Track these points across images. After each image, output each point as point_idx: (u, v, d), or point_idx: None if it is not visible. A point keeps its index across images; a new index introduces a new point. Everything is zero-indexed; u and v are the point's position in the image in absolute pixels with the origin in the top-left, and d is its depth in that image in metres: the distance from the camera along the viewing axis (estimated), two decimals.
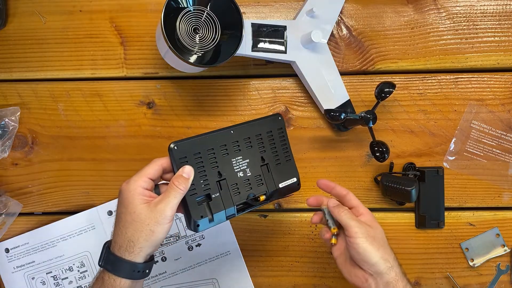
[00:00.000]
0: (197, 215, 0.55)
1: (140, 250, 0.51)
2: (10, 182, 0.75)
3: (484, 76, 0.74)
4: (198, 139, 0.57)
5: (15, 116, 0.73)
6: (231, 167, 0.59)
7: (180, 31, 0.60)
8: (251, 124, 0.61)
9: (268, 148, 0.62)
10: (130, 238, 0.51)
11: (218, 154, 0.58)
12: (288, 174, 0.64)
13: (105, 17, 0.74)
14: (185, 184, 0.52)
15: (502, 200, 0.75)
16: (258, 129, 0.62)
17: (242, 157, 0.60)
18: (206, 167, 0.57)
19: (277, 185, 0.62)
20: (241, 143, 0.60)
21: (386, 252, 0.55)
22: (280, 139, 0.63)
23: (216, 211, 0.57)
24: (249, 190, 0.60)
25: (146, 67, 0.74)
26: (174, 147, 0.55)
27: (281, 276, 0.75)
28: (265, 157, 0.62)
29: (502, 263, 0.75)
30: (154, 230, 0.50)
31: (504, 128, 0.74)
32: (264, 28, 0.67)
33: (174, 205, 0.51)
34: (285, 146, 0.64)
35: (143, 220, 0.50)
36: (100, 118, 0.74)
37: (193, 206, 0.55)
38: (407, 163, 0.74)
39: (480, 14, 0.74)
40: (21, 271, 0.74)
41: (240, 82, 0.74)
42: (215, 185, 0.57)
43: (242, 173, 0.60)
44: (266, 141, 0.62)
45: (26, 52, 0.74)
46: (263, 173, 0.61)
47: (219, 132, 0.59)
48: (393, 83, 0.67)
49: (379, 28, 0.74)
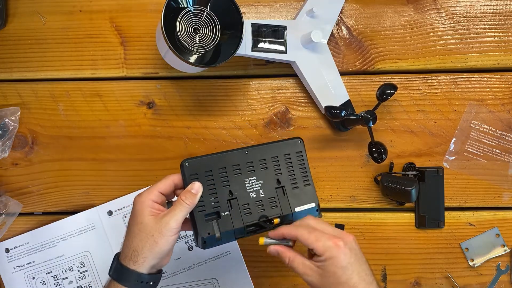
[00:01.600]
0: (204, 232, 0.56)
1: (144, 261, 0.52)
2: (10, 182, 0.75)
3: (484, 76, 0.74)
4: (211, 157, 0.57)
5: (15, 116, 0.73)
6: (243, 187, 0.58)
7: (180, 31, 0.60)
8: (268, 146, 0.60)
9: (285, 171, 0.60)
10: (135, 248, 0.52)
11: (230, 173, 0.58)
12: (306, 199, 0.61)
13: (105, 17, 0.74)
14: (192, 200, 0.53)
15: (502, 200, 0.75)
16: (275, 152, 0.60)
17: (256, 178, 0.59)
18: (217, 185, 0.57)
19: (293, 209, 0.60)
20: (256, 164, 0.59)
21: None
22: (298, 163, 0.61)
23: (224, 230, 0.56)
24: (261, 211, 0.58)
25: (146, 67, 0.74)
26: (186, 163, 0.56)
27: (281, 276, 0.75)
28: (281, 179, 0.60)
29: (502, 263, 0.75)
30: (158, 241, 0.51)
31: (504, 128, 0.74)
32: (264, 28, 0.67)
33: (180, 218, 0.52)
34: (304, 170, 0.62)
35: (148, 230, 0.52)
36: (100, 118, 0.74)
37: (201, 222, 0.56)
38: (407, 163, 0.74)
39: (480, 14, 0.74)
40: (21, 271, 0.74)
41: (240, 82, 0.74)
42: (225, 204, 0.57)
43: (255, 193, 0.59)
44: (283, 163, 0.61)
45: (26, 52, 0.74)
46: (278, 196, 0.60)
47: (233, 152, 0.58)
48: (395, 85, 0.67)
49: (379, 28, 0.74)
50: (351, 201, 0.75)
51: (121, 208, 0.74)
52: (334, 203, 0.75)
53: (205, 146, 0.74)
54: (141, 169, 0.74)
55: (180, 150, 0.74)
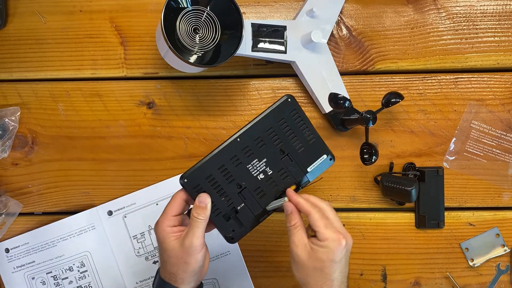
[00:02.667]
0: (227, 231, 0.57)
1: (183, 281, 0.55)
2: (10, 182, 0.75)
3: (484, 76, 0.74)
4: (205, 162, 0.55)
5: (15, 116, 0.73)
6: (248, 173, 0.57)
7: (180, 31, 0.60)
8: (258, 122, 0.57)
9: (285, 137, 0.57)
10: (170, 271, 0.55)
11: (230, 167, 0.56)
12: (316, 154, 0.59)
13: (105, 17, 0.74)
14: (203, 213, 0.54)
15: (502, 200, 0.75)
16: (267, 123, 0.57)
17: (258, 159, 0.57)
18: (222, 185, 0.56)
19: (306, 170, 0.58)
20: (252, 145, 0.57)
21: (312, 282, 0.54)
22: (296, 122, 0.58)
23: (245, 220, 0.57)
24: (275, 187, 0.58)
25: (146, 67, 0.74)
26: (184, 181, 0.55)
27: (281, 276, 0.75)
28: (283, 148, 0.57)
29: (502, 263, 0.75)
30: (188, 262, 0.54)
31: (504, 128, 0.74)
32: (264, 28, 0.67)
33: (200, 234, 0.53)
34: (305, 127, 0.58)
35: (177, 255, 0.54)
36: (100, 118, 0.74)
37: (221, 224, 0.57)
38: (407, 163, 0.74)
39: (480, 14, 0.74)
40: (21, 271, 0.74)
41: (240, 82, 0.74)
42: (237, 198, 0.57)
43: (262, 174, 0.57)
44: (280, 131, 0.57)
45: (26, 52, 0.74)
46: (286, 165, 0.58)
47: (224, 146, 0.56)
48: (401, 94, 0.67)
49: (379, 28, 0.74)
50: (351, 201, 0.75)
51: (121, 208, 0.74)
52: (334, 203, 0.75)
53: (205, 146, 0.74)
54: (141, 169, 0.74)
55: (180, 150, 0.74)
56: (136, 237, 0.74)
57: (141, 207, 0.74)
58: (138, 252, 0.74)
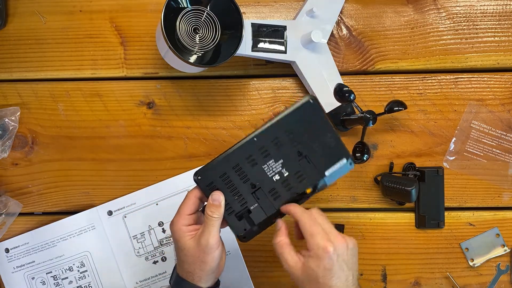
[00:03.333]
0: (240, 230, 0.57)
1: (200, 279, 0.55)
2: (10, 182, 0.75)
3: (484, 76, 0.74)
4: (220, 160, 0.55)
5: (15, 116, 0.73)
6: (263, 174, 0.56)
7: (180, 31, 0.60)
8: (277, 122, 0.55)
9: (304, 138, 0.55)
10: (188, 270, 0.55)
11: (246, 167, 0.55)
12: (335, 158, 0.56)
13: (105, 17, 0.74)
14: (218, 211, 0.54)
15: (502, 200, 0.75)
16: (286, 124, 0.55)
17: (274, 160, 0.55)
18: (236, 184, 0.55)
19: (323, 173, 0.56)
20: (269, 146, 0.55)
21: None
22: (317, 124, 0.56)
23: (258, 220, 0.56)
24: (289, 189, 0.56)
25: (146, 67, 0.74)
26: (198, 177, 0.55)
27: (281, 276, 0.75)
28: (301, 149, 0.55)
29: (502, 263, 0.75)
30: (205, 260, 0.54)
31: (504, 128, 0.74)
32: (264, 28, 0.67)
33: (215, 232, 0.54)
34: (325, 129, 0.56)
35: (193, 254, 0.54)
36: (100, 118, 0.74)
37: (233, 223, 0.56)
38: (407, 163, 0.74)
39: (480, 14, 0.74)
40: (21, 271, 0.74)
41: (240, 82, 0.74)
42: (251, 198, 0.56)
43: (278, 176, 0.56)
44: (299, 132, 0.55)
45: (26, 52, 0.74)
46: (303, 167, 0.56)
47: (241, 145, 0.55)
48: (404, 103, 0.67)
49: (379, 28, 0.74)
50: (351, 201, 0.75)
51: (121, 208, 0.74)
52: (334, 203, 0.75)
53: (205, 146, 0.74)
54: (141, 169, 0.74)
55: (180, 150, 0.74)
56: (136, 237, 0.74)
57: (141, 207, 0.74)
58: (138, 252, 0.74)
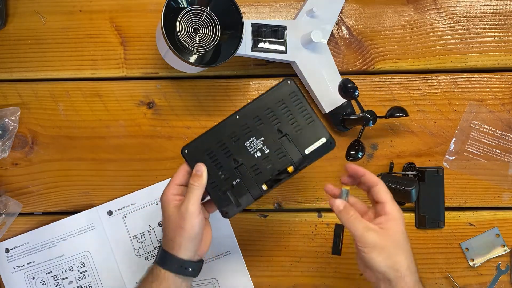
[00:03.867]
0: (222, 204, 0.59)
1: (179, 246, 0.57)
2: (10, 182, 0.75)
3: (484, 76, 0.74)
4: (205, 136, 0.59)
5: (15, 116, 0.73)
6: (246, 150, 0.59)
7: (180, 31, 0.61)
8: (257, 102, 0.59)
9: (284, 118, 0.59)
10: (170, 237, 0.57)
11: (229, 143, 0.59)
12: (314, 136, 0.60)
13: (105, 17, 0.74)
14: (199, 181, 0.57)
15: (502, 200, 0.75)
16: (266, 104, 0.59)
17: (256, 137, 0.59)
18: (220, 159, 0.59)
19: (303, 152, 0.59)
20: (251, 124, 0.59)
21: (398, 260, 0.54)
22: (295, 104, 0.59)
23: (240, 196, 0.59)
24: (271, 166, 0.59)
25: (146, 67, 0.74)
26: (185, 151, 0.60)
27: (281, 276, 0.75)
28: (282, 128, 0.59)
29: (502, 263, 0.75)
30: (183, 226, 0.56)
31: (504, 128, 0.74)
32: (264, 28, 0.67)
33: (195, 200, 0.56)
34: (304, 109, 0.59)
35: (174, 220, 0.57)
36: (100, 118, 0.74)
37: (216, 197, 0.59)
38: (407, 163, 0.74)
39: (480, 14, 0.74)
40: (21, 271, 0.74)
41: (240, 82, 0.74)
42: (233, 173, 0.59)
43: (259, 152, 0.59)
44: (279, 111, 0.59)
45: (26, 52, 0.74)
46: (284, 145, 0.59)
47: (224, 122, 0.59)
48: (405, 110, 0.68)
49: (379, 28, 0.74)
50: None
51: (121, 208, 0.74)
52: None
53: None
54: (141, 169, 0.74)
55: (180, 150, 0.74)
56: (136, 237, 0.74)
57: (141, 207, 0.74)
58: (138, 252, 0.74)
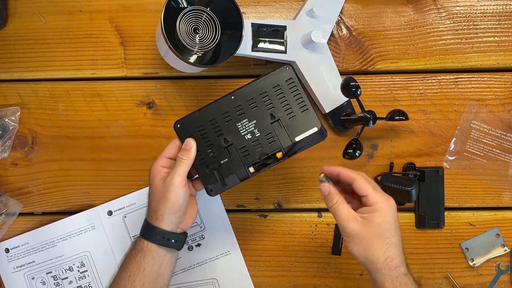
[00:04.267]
0: (207, 181, 0.60)
1: (162, 217, 0.57)
2: (10, 182, 0.75)
3: (484, 76, 0.74)
4: (199, 112, 0.60)
5: (15, 116, 0.73)
6: (237, 131, 0.60)
7: (180, 31, 0.60)
8: (253, 84, 0.60)
9: (278, 103, 0.60)
10: (153, 208, 0.58)
11: (221, 122, 0.60)
12: (306, 125, 0.60)
13: (105, 17, 0.74)
14: (187, 155, 0.58)
15: (502, 200, 0.75)
16: (263, 87, 0.60)
17: (248, 119, 0.60)
18: (210, 137, 0.60)
19: (293, 139, 0.60)
20: (245, 105, 0.60)
21: (374, 253, 0.54)
22: (291, 91, 0.60)
23: (226, 175, 0.60)
24: (260, 149, 0.60)
25: (146, 67, 0.74)
26: (177, 125, 0.61)
27: (281, 276, 0.75)
28: (275, 113, 0.60)
29: (502, 263, 0.75)
30: (167, 197, 0.56)
31: (504, 128, 0.74)
32: (264, 28, 0.67)
33: (181, 172, 0.57)
34: (299, 97, 0.60)
35: (159, 190, 0.58)
36: (100, 118, 0.74)
37: (203, 173, 0.60)
38: (407, 163, 0.74)
39: (480, 14, 0.74)
40: (21, 271, 0.74)
41: (240, 82, 0.74)
42: (222, 152, 0.60)
43: (250, 135, 0.60)
44: (274, 96, 0.60)
45: (26, 52, 0.74)
46: (275, 130, 0.60)
47: (219, 101, 0.60)
48: (406, 113, 0.68)
49: (379, 28, 0.74)
50: None
51: (121, 208, 0.74)
52: None
53: None
54: (141, 169, 0.74)
55: None
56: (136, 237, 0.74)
57: (141, 207, 0.74)
58: None
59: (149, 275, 0.57)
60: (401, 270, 0.55)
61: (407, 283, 0.54)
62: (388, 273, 0.54)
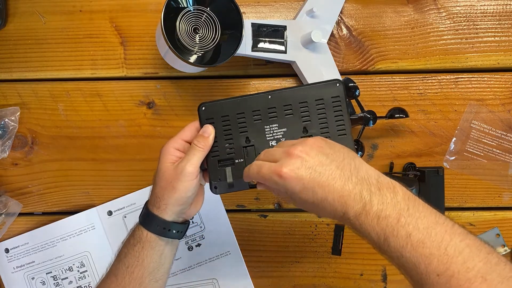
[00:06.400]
0: (215, 177, 0.55)
1: (166, 207, 0.53)
2: (10, 182, 0.75)
3: (484, 76, 0.74)
4: (229, 101, 0.54)
5: (15, 116, 0.73)
6: (262, 134, 0.54)
7: (180, 31, 0.60)
8: (296, 90, 0.54)
9: (315, 118, 0.53)
10: (157, 194, 0.53)
11: (249, 119, 0.54)
12: None
13: (105, 17, 0.74)
14: (204, 142, 0.53)
15: (502, 200, 0.75)
16: (304, 96, 0.53)
17: (278, 125, 0.54)
18: (233, 131, 0.54)
19: None
20: (279, 109, 0.54)
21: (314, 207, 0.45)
22: (334, 109, 0.53)
23: (237, 177, 0.54)
24: None
25: (146, 67, 0.74)
26: (202, 107, 0.55)
27: (281, 276, 0.75)
28: (309, 127, 0.53)
29: None
30: (176, 187, 0.52)
31: (504, 128, 0.74)
32: (264, 28, 0.67)
33: (195, 162, 0.52)
34: (340, 118, 0.53)
35: (167, 177, 0.52)
36: (100, 118, 0.74)
37: (213, 167, 0.55)
38: (407, 163, 0.74)
39: (480, 14, 0.74)
40: (21, 271, 0.74)
41: (240, 82, 0.74)
42: (240, 151, 0.54)
43: (275, 142, 0.54)
44: (314, 109, 0.53)
45: (26, 52, 0.74)
46: None
47: (254, 96, 0.54)
48: (406, 111, 0.68)
49: (379, 28, 0.74)
50: None
51: (121, 208, 0.74)
52: None
53: None
54: (141, 169, 0.74)
55: None
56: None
57: (141, 207, 0.73)
58: None
59: (148, 265, 0.54)
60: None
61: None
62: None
